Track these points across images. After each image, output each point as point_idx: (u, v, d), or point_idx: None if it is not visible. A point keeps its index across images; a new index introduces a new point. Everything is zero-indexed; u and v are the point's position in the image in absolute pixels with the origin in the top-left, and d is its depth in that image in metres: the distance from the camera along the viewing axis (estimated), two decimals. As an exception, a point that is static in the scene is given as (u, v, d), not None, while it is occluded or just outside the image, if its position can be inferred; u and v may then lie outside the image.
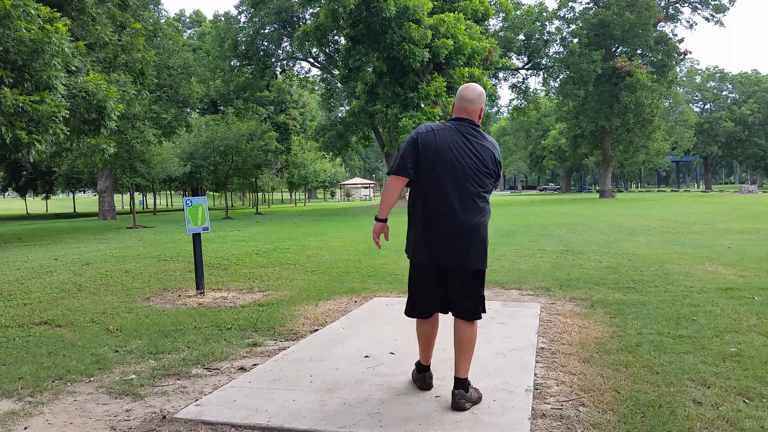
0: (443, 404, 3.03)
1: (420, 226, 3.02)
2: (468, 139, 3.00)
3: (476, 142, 3.00)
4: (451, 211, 2.93)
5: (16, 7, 9.10)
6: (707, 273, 6.87)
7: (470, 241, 2.95)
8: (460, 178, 2.94)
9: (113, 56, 14.15)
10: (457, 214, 2.93)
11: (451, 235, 2.94)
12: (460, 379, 2.97)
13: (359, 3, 22.42)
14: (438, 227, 2.96)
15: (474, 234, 2.95)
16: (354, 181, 69.86)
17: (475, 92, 3.07)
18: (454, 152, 2.96)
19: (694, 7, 38.67)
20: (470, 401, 2.97)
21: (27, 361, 4.03)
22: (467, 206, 2.94)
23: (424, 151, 2.98)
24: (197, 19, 52.92)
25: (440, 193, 2.95)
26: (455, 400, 2.95)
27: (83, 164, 22.98)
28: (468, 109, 3.06)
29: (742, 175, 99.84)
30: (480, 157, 2.98)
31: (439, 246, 2.97)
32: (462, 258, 2.96)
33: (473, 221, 2.95)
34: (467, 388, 2.97)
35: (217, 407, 3.07)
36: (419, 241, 3.03)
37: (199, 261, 6.36)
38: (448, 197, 2.94)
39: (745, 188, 47.53)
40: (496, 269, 7.52)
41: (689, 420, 2.77)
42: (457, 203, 2.93)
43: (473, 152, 2.97)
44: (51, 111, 9.42)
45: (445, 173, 2.94)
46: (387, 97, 23.83)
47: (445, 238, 2.95)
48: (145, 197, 59.62)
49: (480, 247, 2.98)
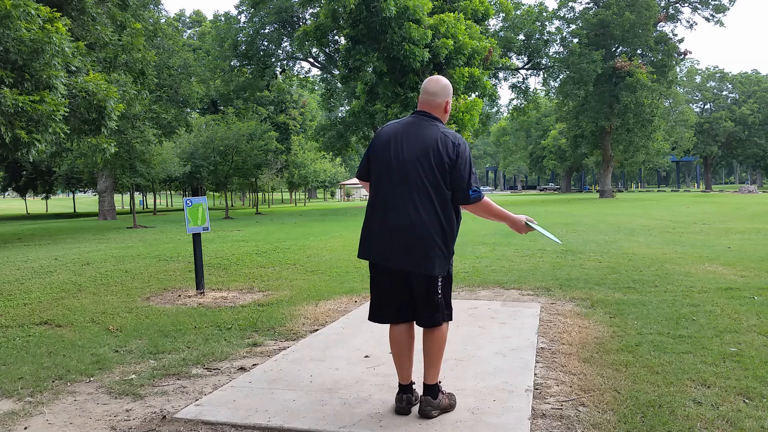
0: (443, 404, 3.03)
1: (364, 222, 2.89)
2: (416, 130, 2.80)
3: (426, 134, 2.77)
4: (385, 205, 2.75)
5: (17, 7, 9.11)
6: (707, 273, 6.87)
7: (410, 238, 2.70)
8: (399, 169, 2.74)
9: (113, 56, 14.15)
10: (394, 208, 2.73)
11: (387, 231, 2.75)
12: (427, 386, 2.84)
13: (359, 3, 22.40)
14: (372, 223, 2.81)
15: (413, 230, 2.69)
16: (354, 181, 69.63)
17: (438, 85, 2.88)
18: (395, 144, 2.78)
19: (694, 7, 38.69)
20: (437, 408, 2.83)
21: (27, 361, 4.03)
22: (408, 200, 2.71)
23: (371, 149, 2.88)
24: (197, 19, 52.91)
25: (377, 187, 2.82)
26: (421, 407, 2.84)
27: (83, 164, 22.97)
28: (431, 103, 2.87)
29: (742, 175, 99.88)
30: (426, 147, 2.73)
31: (376, 242, 2.79)
32: (400, 257, 2.72)
33: (413, 217, 2.69)
34: (436, 395, 2.84)
35: (217, 407, 3.07)
36: (363, 237, 2.88)
37: (199, 261, 6.36)
38: (383, 190, 2.77)
39: (745, 188, 47.54)
40: (496, 269, 7.53)
41: (689, 420, 2.77)
42: (395, 197, 2.73)
43: (419, 143, 2.75)
44: (50, 110, 9.42)
45: (383, 166, 2.79)
46: (387, 97, 23.82)
47: (380, 235, 2.77)
48: (145, 197, 59.62)
49: (425, 246, 2.70)
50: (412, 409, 2.89)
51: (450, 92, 2.91)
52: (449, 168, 2.71)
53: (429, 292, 2.79)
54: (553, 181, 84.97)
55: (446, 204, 2.74)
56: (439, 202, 2.72)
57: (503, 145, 75.63)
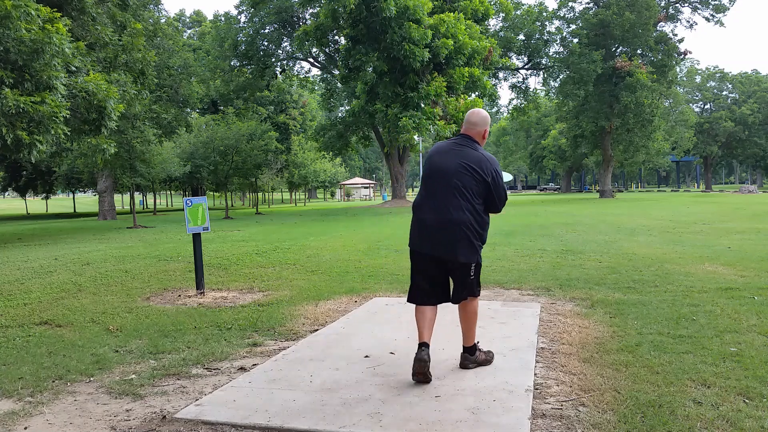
0: (443, 404, 3.03)
1: (413, 218, 3.55)
2: (460, 148, 3.48)
3: (468, 152, 3.45)
4: (430, 205, 3.42)
5: (17, 7, 9.11)
6: (707, 273, 6.87)
7: (448, 233, 3.34)
8: (444, 177, 3.40)
9: (113, 56, 14.15)
10: (437, 208, 3.38)
11: (430, 226, 3.40)
12: (466, 347, 3.59)
13: (359, 3, 22.41)
14: (420, 219, 3.47)
15: (451, 226, 3.34)
16: (354, 181, 69.84)
17: (479, 116, 3.60)
18: (443, 157, 3.48)
19: (694, 7, 38.66)
20: (474, 362, 3.55)
21: (27, 361, 4.03)
22: (448, 202, 3.35)
23: (426, 159, 3.59)
24: (197, 19, 52.90)
25: (425, 189, 3.49)
26: (461, 361, 3.58)
27: (83, 164, 22.97)
28: (472, 130, 3.57)
29: (742, 175, 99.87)
30: (467, 162, 3.40)
31: (422, 235, 3.45)
32: (445, 248, 3.36)
33: (453, 216, 3.34)
34: (473, 352, 3.58)
35: (217, 407, 3.07)
36: (412, 231, 3.54)
37: (199, 261, 6.36)
38: (430, 193, 3.45)
39: (745, 188, 47.51)
40: (496, 269, 7.53)
41: (689, 420, 2.77)
42: (439, 199, 3.39)
43: (461, 158, 3.42)
44: (51, 111, 9.42)
45: (434, 174, 3.47)
46: (387, 97, 23.82)
47: (425, 229, 3.43)
48: (145, 197, 59.61)
49: (464, 240, 3.34)
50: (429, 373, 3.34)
51: (488, 122, 3.63)
52: (487, 185, 3.40)
53: (463, 275, 3.46)
54: (553, 181, 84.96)
55: (478, 208, 3.40)
56: (472, 206, 3.37)
57: (503, 145, 75.58)
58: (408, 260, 3.35)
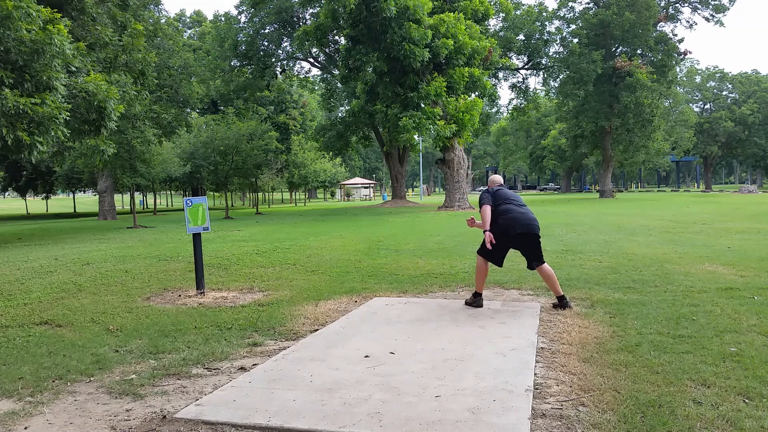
0: (443, 404, 3.03)
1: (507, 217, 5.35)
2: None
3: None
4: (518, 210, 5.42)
5: (18, 8, 9.11)
6: (707, 273, 6.87)
7: (533, 221, 5.38)
8: (517, 198, 5.59)
9: (113, 56, 14.14)
10: (524, 212, 5.42)
11: (524, 219, 5.34)
12: (557, 297, 5.31)
13: (359, 3, 22.39)
14: (515, 217, 5.33)
15: (533, 218, 5.41)
16: (354, 181, 69.82)
17: (495, 181, 5.86)
18: (507, 192, 5.68)
19: (694, 7, 38.62)
20: (566, 308, 5.22)
21: (27, 361, 4.03)
22: (526, 209, 5.48)
23: (494, 194, 5.53)
24: (197, 19, 52.91)
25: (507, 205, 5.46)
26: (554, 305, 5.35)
27: (83, 164, 22.97)
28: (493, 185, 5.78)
29: (742, 175, 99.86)
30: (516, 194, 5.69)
31: (520, 223, 5.30)
32: (532, 227, 5.34)
33: (531, 215, 5.43)
34: (561, 302, 5.26)
35: (218, 407, 3.07)
36: (507, 224, 5.29)
37: (200, 261, 6.36)
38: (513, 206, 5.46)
39: (745, 188, 47.49)
40: (496, 269, 7.50)
41: (689, 420, 2.77)
42: (521, 207, 5.46)
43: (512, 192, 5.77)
44: (52, 112, 9.42)
45: (513, 200, 5.53)
46: (387, 96, 23.80)
47: (521, 220, 5.31)
48: (145, 197, 59.59)
49: (537, 225, 5.41)
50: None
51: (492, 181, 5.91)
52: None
53: (536, 246, 5.36)
54: (553, 181, 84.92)
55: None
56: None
57: (503, 145, 75.55)
58: (408, 260, 3.38)
